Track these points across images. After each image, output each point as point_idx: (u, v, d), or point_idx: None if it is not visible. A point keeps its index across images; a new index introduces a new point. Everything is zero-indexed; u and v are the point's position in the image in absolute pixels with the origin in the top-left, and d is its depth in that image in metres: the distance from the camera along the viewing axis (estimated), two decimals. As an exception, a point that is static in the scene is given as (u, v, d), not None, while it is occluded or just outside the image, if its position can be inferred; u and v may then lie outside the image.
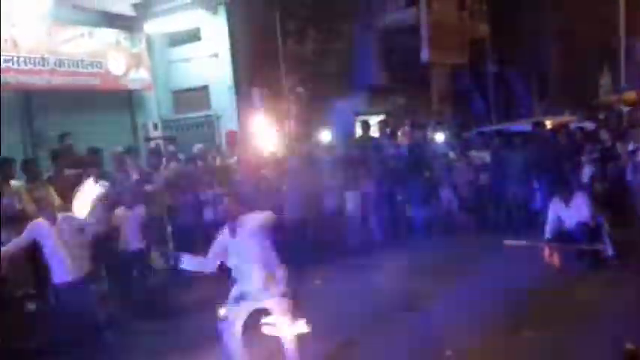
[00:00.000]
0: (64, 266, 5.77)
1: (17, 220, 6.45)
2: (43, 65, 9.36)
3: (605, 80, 18.04)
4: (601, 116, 10.60)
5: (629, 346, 4.42)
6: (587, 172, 8.52)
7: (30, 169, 7.17)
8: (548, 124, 9.65)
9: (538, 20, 17.41)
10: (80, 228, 6.05)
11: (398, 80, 14.19)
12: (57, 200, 6.56)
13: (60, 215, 5.95)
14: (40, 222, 5.82)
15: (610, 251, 7.02)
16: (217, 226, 8.18)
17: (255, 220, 4.72)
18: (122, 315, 6.85)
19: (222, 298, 5.94)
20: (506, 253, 7.53)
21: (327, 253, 8.44)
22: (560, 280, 6.68)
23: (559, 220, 7.24)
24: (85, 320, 5.89)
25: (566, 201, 7.20)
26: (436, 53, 14.04)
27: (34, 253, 6.07)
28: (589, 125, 9.66)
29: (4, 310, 6.05)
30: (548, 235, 7.21)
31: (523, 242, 7.51)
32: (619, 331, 4.93)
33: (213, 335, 5.35)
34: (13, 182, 6.91)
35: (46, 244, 5.77)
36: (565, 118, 10.65)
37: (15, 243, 5.78)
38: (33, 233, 5.78)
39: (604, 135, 8.60)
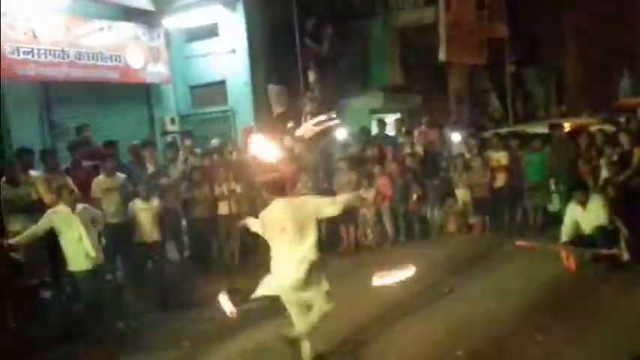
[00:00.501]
0: (83, 255, 5.84)
1: (34, 210, 6.55)
2: (63, 58, 9.43)
3: (625, 82, 17.81)
4: (621, 119, 10.46)
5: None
6: (604, 176, 8.41)
7: (48, 160, 7.28)
8: (567, 126, 9.53)
9: (557, 21, 17.27)
10: (93, 219, 6.15)
11: (415, 79, 14.13)
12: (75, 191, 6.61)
13: (79, 205, 6.03)
14: (60, 209, 5.88)
15: (626, 256, 6.95)
16: (232, 219, 8.33)
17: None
18: (136, 305, 6.93)
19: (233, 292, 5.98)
20: (521, 255, 7.49)
21: (340, 248, 8.45)
22: (576, 283, 6.62)
23: (576, 223, 7.17)
24: (99, 309, 5.96)
25: (584, 204, 7.13)
26: (454, 53, 13.91)
27: (49, 241, 6.15)
28: (608, 128, 9.54)
29: (19, 297, 6.11)
30: (564, 237, 7.15)
31: (535, 244, 7.46)
32: (634, 336, 4.90)
33: (225, 327, 5.43)
34: (32, 172, 7.01)
35: (64, 231, 5.84)
36: (584, 120, 10.52)
37: (32, 230, 5.87)
38: (51, 221, 5.84)
39: (623, 138, 8.47)
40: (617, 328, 5.18)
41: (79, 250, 5.83)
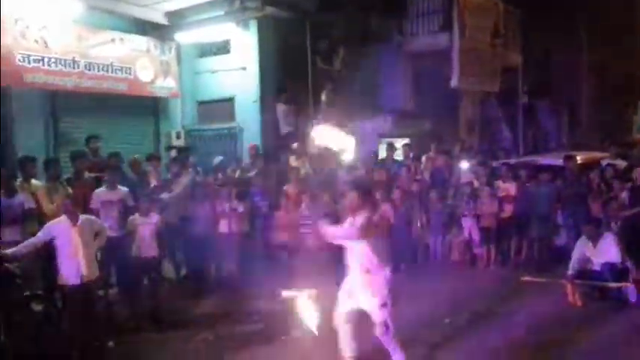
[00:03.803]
0: (77, 269, 5.70)
1: (31, 219, 6.45)
2: (73, 67, 9.44)
3: (638, 117, 17.63)
4: (634, 154, 10.28)
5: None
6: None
7: (51, 170, 7.18)
8: (579, 159, 9.36)
9: (572, 53, 17.17)
10: (97, 232, 6.03)
11: (426, 105, 14.00)
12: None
13: (82, 217, 5.92)
14: (62, 222, 5.78)
15: (634, 297, 6.76)
16: (232, 238, 8.20)
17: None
18: (128, 323, 6.76)
19: (231, 314, 5.84)
20: (525, 289, 7.29)
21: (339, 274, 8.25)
22: (580, 320, 6.42)
23: (585, 259, 6.99)
24: (88, 326, 5.80)
25: (594, 241, 6.95)
26: (466, 80, 13.81)
27: (44, 253, 6.01)
28: (620, 163, 9.36)
29: (11, 309, 5.96)
30: (571, 272, 6.95)
31: (541, 279, 7.27)
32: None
33: (215, 350, 5.27)
34: (33, 181, 6.92)
35: (62, 244, 5.72)
36: (596, 154, 10.34)
37: (31, 242, 5.76)
38: (51, 233, 5.74)
39: (636, 173, 8.29)
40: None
41: (72, 265, 5.68)
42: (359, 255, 4.91)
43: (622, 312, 6.61)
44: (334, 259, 5.90)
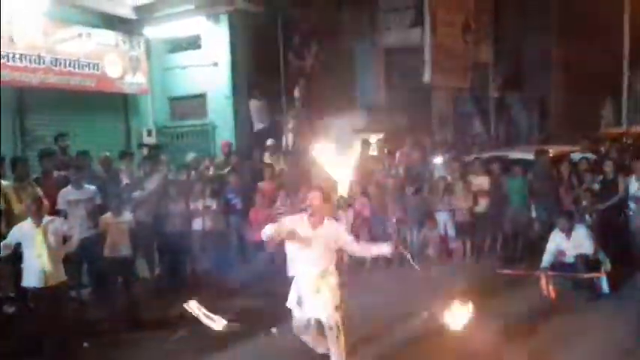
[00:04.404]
0: (39, 272, 5.56)
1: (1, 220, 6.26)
2: (39, 63, 9.21)
3: (606, 111, 18.00)
4: (602, 148, 10.47)
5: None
6: (584, 204, 8.36)
7: (19, 169, 6.96)
8: (550, 152, 9.48)
9: (543, 48, 17.40)
10: (64, 232, 5.86)
11: (399, 100, 14.06)
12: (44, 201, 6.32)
13: (46, 217, 5.74)
14: (27, 224, 5.66)
15: (606, 288, 6.89)
16: (206, 235, 8.09)
17: None
18: (102, 324, 6.62)
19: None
20: (500, 281, 7.35)
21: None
22: (554, 310, 6.50)
23: (558, 251, 7.07)
24: (59, 327, 5.66)
25: (568, 233, 7.04)
26: (438, 76, 13.91)
27: (12, 255, 5.84)
28: (591, 156, 9.52)
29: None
30: (545, 264, 7.04)
31: (516, 271, 7.33)
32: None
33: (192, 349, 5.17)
34: (1, 181, 6.71)
35: (26, 246, 5.60)
36: (567, 147, 10.49)
37: (2, 245, 5.62)
38: (18, 235, 5.62)
39: (607, 167, 8.42)
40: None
41: (35, 266, 5.53)
42: (314, 257, 4.79)
43: (594, 302, 6.72)
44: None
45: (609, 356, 5.37)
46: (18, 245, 5.63)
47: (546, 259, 7.12)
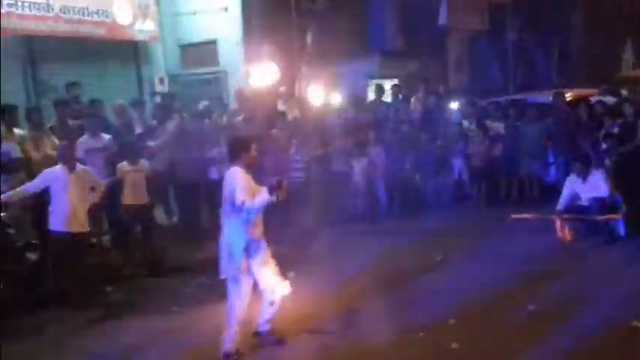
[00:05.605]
0: (68, 217, 5.67)
1: (18, 168, 6.31)
2: (48, 11, 9.04)
3: (627, 54, 17.49)
4: (623, 91, 10.23)
5: (635, 323, 4.47)
6: (603, 148, 8.22)
7: (33, 118, 6.99)
8: (568, 96, 9.30)
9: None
10: (95, 183, 5.98)
11: (413, 44, 13.74)
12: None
13: (79, 166, 5.83)
14: (59, 169, 5.73)
15: (622, 231, 6.85)
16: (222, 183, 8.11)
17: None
18: (123, 269, 6.76)
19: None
20: (516, 226, 7.35)
21: (331, 216, 8.29)
22: (570, 253, 6.53)
23: (574, 195, 7.03)
24: (81, 273, 5.80)
25: (584, 177, 6.98)
26: (454, 17, 13.56)
27: (36, 202, 5.98)
28: (610, 99, 9.31)
29: (5, 259, 5.92)
30: (560, 207, 7.01)
31: (531, 215, 7.32)
32: (625, 309, 4.82)
33: (213, 294, 5.27)
34: (15, 130, 6.73)
35: (57, 190, 5.67)
36: (586, 90, 10.27)
37: (23, 188, 5.71)
38: (48, 180, 5.69)
39: (627, 110, 8.24)
40: (608, 301, 5.08)
41: (65, 210, 5.65)
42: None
43: (611, 245, 6.72)
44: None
45: (628, 296, 5.26)
46: (45, 189, 5.68)
47: (562, 202, 7.11)
